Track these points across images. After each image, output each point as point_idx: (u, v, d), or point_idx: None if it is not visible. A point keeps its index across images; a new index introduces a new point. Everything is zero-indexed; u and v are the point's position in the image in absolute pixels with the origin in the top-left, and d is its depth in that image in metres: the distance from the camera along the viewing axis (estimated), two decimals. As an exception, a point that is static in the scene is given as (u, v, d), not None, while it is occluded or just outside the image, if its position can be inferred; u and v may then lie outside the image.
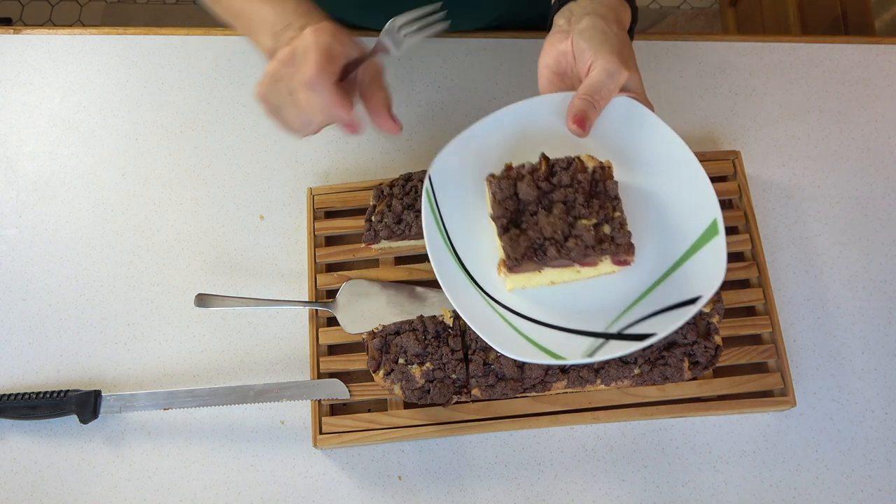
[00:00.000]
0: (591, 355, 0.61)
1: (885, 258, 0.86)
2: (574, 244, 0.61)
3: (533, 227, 0.62)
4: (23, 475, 0.78)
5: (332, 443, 0.76)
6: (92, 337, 0.83)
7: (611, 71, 0.63)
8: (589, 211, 0.63)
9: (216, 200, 0.89)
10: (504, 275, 0.64)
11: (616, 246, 0.62)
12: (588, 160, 0.65)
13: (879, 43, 0.98)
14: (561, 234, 0.62)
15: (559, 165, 0.64)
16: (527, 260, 0.61)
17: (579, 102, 0.63)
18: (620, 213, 0.64)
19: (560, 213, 0.62)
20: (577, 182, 0.64)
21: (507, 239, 0.62)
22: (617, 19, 0.67)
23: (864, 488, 0.77)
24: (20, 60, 0.96)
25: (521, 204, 0.63)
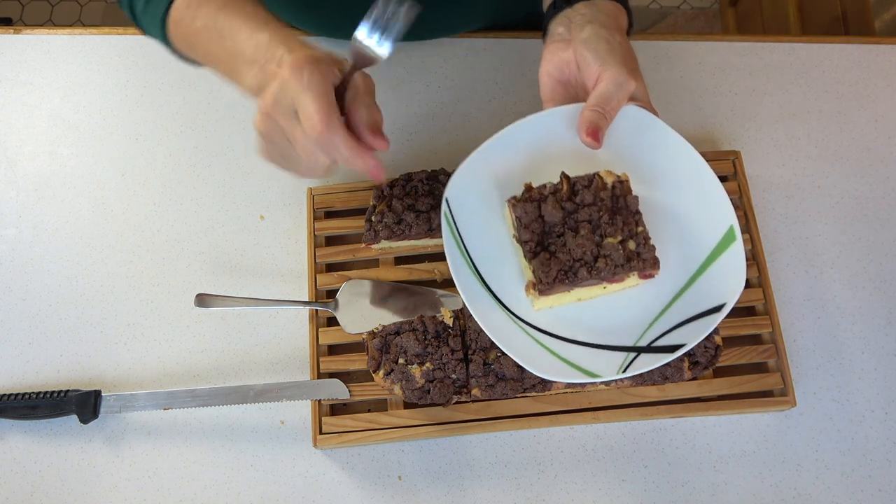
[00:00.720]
0: (624, 370, 0.61)
1: (885, 258, 0.86)
2: (604, 264, 0.62)
3: (561, 249, 0.62)
4: (23, 475, 0.78)
5: (332, 443, 0.76)
6: (92, 337, 0.83)
7: (619, 82, 0.63)
8: (614, 229, 0.63)
9: (216, 200, 0.89)
10: (534, 296, 0.64)
11: (643, 262, 0.62)
12: (607, 176, 0.65)
13: (879, 43, 0.98)
14: (591, 254, 0.62)
15: (580, 184, 0.64)
16: (558, 283, 0.61)
17: (590, 114, 0.63)
18: (643, 228, 0.64)
19: (587, 233, 0.62)
20: (600, 200, 0.63)
21: (538, 263, 0.61)
22: (618, 26, 0.67)
23: (864, 488, 0.77)
24: (20, 60, 0.96)
25: (547, 226, 0.63)
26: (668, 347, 0.62)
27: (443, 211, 0.64)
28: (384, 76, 0.95)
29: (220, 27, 0.65)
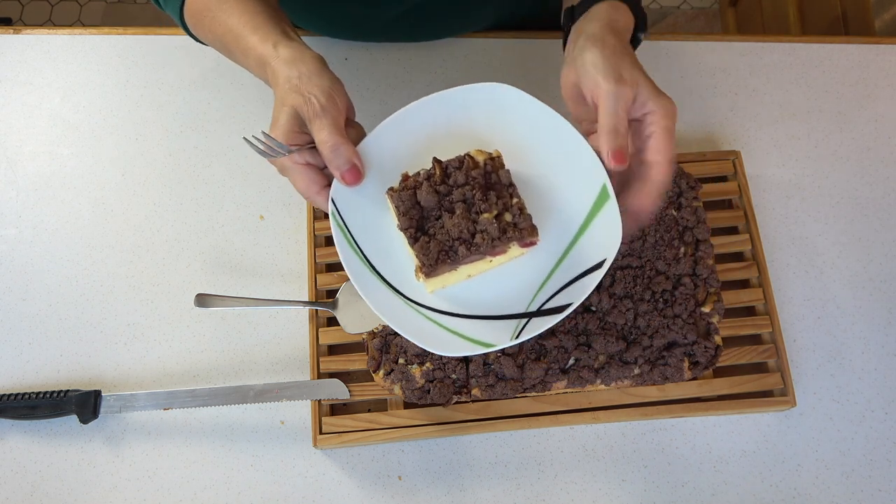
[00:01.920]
0: (517, 336, 0.63)
1: (885, 258, 0.86)
2: (481, 239, 0.63)
3: (440, 231, 0.64)
4: (23, 475, 0.78)
5: (332, 443, 0.76)
6: (92, 337, 0.83)
7: (614, 94, 0.62)
8: (488, 204, 0.64)
9: (216, 200, 0.89)
10: (423, 279, 0.65)
11: (520, 231, 0.64)
12: (478, 155, 0.66)
13: (879, 43, 0.98)
14: (467, 232, 0.63)
15: (452, 166, 0.66)
16: (440, 263, 0.63)
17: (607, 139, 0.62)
18: (518, 199, 0.65)
19: (462, 212, 0.64)
20: (472, 179, 0.65)
21: (419, 247, 0.63)
22: (612, 30, 0.66)
23: (864, 488, 0.77)
24: (20, 60, 0.96)
25: (425, 211, 0.65)
26: (555, 308, 0.63)
27: (330, 210, 0.65)
28: (384, 76, 0.95)
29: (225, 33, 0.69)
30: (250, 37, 0.67)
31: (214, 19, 0.70)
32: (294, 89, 0.62)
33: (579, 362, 0.75)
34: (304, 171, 0.64)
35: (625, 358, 0.76)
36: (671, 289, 0.78)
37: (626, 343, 0.76)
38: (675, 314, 0.77)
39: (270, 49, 0.65)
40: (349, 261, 0.64)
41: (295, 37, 0.68)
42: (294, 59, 0.64)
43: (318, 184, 0.64)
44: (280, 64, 0.64)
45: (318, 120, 0.61)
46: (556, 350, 0.75)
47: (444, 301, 0.67)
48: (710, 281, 0.78)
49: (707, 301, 0.78)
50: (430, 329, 0.64)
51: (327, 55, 0.95)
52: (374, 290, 0.65)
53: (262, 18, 0.68)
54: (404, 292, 0.66)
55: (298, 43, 0.67)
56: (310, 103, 0.61)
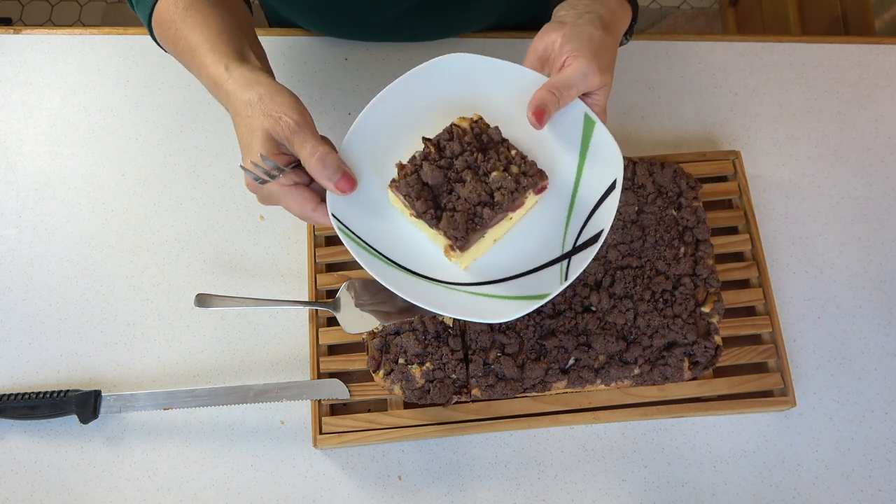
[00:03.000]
0: (566, 278, 0.63)
1: (885, 258, 0.86)
2: (501, 196, 0.63)
3: (458, 202, 0.64)
4: (23, 475, 0.78)
5: (332, 443, 0.76)
6: (92, 337, 0.83)
7: (585, 72, 0.64)
8: (492, 163, 0.65)
9: (216, 200, 0.89)
10: (457, 257, 0.65)
11: (531, 178, 0.64)
12: (461, 122, 0.67)
13: (879, 43, 0.98)
14: (485, 194, 0.64)
15: (443, 140, 0.66)
16: (471, 232, 0.63)
17: (544, 94, 0.64)
18: (516, 150, 0.66)
19: (472, 177, 0.64)
20: (468, 144, 0.65)
21: (446, 224, 0.63)
22: (613, 23, 0.68)
23: (864, 488, 0.77)
24: (20, 60, 0.96)
25: (434, 190, 0.65)
26: (590, 240, 0.64)
27: (335, 226, 0.64)
28: (385, 75, 0.95)
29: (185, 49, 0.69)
30: (206, 56, 0.67)
31: (178, 33, 0.69)
32: (260, 112, 0.62)
33: (579, 362, 0.76)
34: (294, 192, 0.63)
35: (625, 358, 0.76)
36: (671, 289, 0.78)
37: (626, 343, 0.76)
38: (675, 314, 0.77)
39: (222, 71, 0.65)
40: (376, 268, 0.63)
41: (252, 59, 0.68)
42: (249, 82, 0.64)
43: (312, 201, 0.63)
44: (234, 86, 0.64)
45: (297, 136, 0.61)
46: (556, 350, 0.75)
47: (481, 273, 0.66)
48: (710, 281, 0.79)
49: (707, 301, 0.78)
50: (481, 304, 0.64)
51: (327, 55, 0.96)
52: (413, 287, 0.63)
53: (221, 38, 0.67)
54: (440, 278, 0.65)
55: (252, 65, 0.66)
56: (282, 122, 0.61)
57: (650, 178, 0.82)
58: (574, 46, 0.65)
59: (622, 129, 0.93)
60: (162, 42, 0.74)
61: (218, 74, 0.65)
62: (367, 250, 0.64)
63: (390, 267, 0.64)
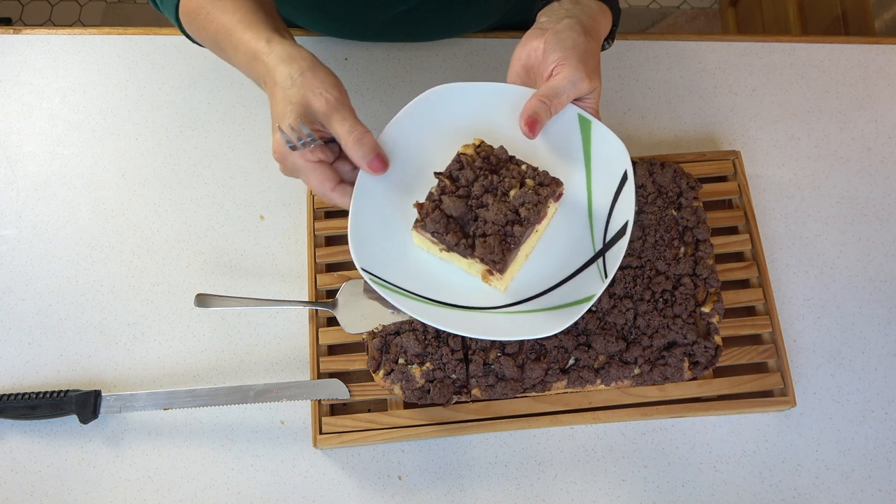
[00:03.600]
0: (606, 274, 0.64)
1: (885, 258, 0.86)
2: (526, 210, 0.64)
3: (485, 226, 0.64)
4: (23, 475, 0.78)
5: (332, 443, 0.76)
6: (92, 337, 0.83)
7: (574, 79, 0.65)
8: (508, 181, 0.65)
9: (216, 200, 0.89)
10: (496, 281, 0.65)
11: (548, 186, 0.65)
12: (466, 149, 0.67)
13: (879, 43, 0.98)
14: (511, 212, 0.64)
15: (454, 170, 0.66)
16: (507, 252, 0.63)
17: (535, 103, 0.65)
18: (526, 164, 0.67)
19: (494, 200, 0.65)
20: (479, 169, 0.66)
21: (482, 250, 0.63)
22: (594, 27, 0.69)
23: (864, 488, 0.77)
24: (20, 60, 0.96)
25: (460, 220, 0.65)
26: (618, 233, 0.65)
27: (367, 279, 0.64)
28: (385, 75, 0.95)
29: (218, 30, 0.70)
30: (243, 33, 0.67)
31: (208, 16, 0.70)
32: (299, 86, 0.63)
33: (579, 362, 0.76)
34: (318, 168, 0.64)
35: (625, 358, 0.76)
36: (671, 289, 0.78)
37: (626, 343, 0.76)
38: (675, 314, 0.77)
39: (263, 45, 0.66)
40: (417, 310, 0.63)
41: (288, 36, 0.68)
42: (290, 56, 0.64)
43: (332, 180, 0.64)
44: (275, 60, 0.64)
45: (336, 113, 0.62)
46: (556, 350, 0.75)
47: (519, 291, 0.67)
48: (710, 281, 0.78)
49: (707, 301, 0.78)
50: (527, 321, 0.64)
51: (327, 55, 0.96)
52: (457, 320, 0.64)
53: (255, 17, 0.68)
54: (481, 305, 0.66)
55: (291, 41, 0.67)
56: (322, 98, 0.62)
57: (650, 178, 0.82)
58: (560, 56, 0.65)
59: (622, 129, 0.93)
60: (192, 30, 0.75)
61: (259, 48, 0.66)
62: (405, 294, 0.64)
63: (431, 305, 0.65)
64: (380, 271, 0.65)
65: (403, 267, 0.67)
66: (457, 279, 0.67)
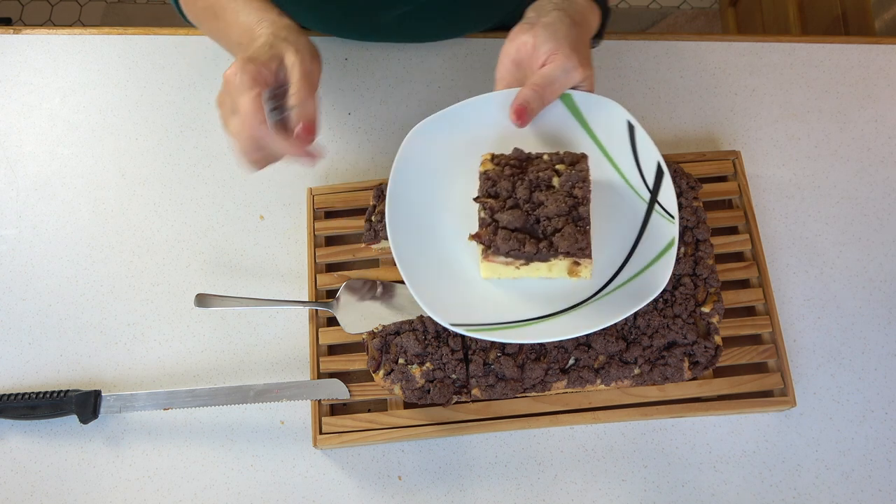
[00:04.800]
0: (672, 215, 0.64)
1: (885, 258, 0.86)
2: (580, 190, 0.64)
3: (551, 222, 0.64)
4: (23, 475, 0.78)
5: (332, 443, 0.76)
6: (92, 337, 0.83)
7: (567, 68, 0.64)
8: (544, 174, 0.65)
9: (216, 200, 0.89)
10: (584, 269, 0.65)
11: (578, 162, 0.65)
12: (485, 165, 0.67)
13: (879, 43, 0.98)
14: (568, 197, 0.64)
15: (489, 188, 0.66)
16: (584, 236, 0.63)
17: (527, 93, 0.64)
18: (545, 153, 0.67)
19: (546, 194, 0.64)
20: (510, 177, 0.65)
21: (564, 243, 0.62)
22: (583, 21, 0.69)
23: (864, 488, 0.77)
24: (20, 60, 0.96)
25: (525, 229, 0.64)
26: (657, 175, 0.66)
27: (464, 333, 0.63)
28: (384, 75, 0.95)
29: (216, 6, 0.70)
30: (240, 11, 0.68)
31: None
32: (284, 39, 0.63)
33: (579, 362, 0.75)
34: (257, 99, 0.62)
35: (625, 358, 0.75)
36: (671, 289, 0.78)
37: (626, 343, 0.76)
38: (675, 314, 0.77)
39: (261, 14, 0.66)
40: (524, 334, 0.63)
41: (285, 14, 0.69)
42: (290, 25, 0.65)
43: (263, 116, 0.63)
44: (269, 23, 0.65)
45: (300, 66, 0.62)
46: (556, 350, 0.75)
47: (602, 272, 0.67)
48: (710, 281, 0.78)
49: (707, 301, 0.78)
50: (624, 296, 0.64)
51: (327, 55, 0.96)
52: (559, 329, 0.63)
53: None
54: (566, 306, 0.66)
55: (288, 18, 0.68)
56: (299, 52, 0.62)
57: (650, 178, 0.82)
58: (551, 46, 0.65)
59: (622, 129, 0.93)
60: (187, 7, 0.76)
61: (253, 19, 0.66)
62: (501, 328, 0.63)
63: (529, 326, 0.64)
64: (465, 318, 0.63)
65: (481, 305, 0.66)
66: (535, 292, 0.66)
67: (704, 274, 0.79)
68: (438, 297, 0.65)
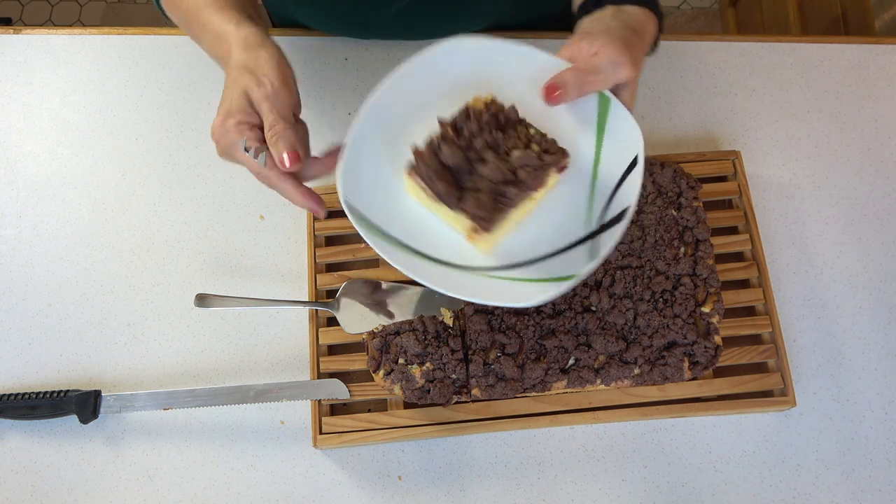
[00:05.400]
0: (594, 256, 0.61)
1: (885, 258, 0.86)
2: (525, 174, 0.62)
3: (480, 181, 0.62)
4: (23, 475, 0.78)
5: (332, 443, 0.76)
6: (92, 337, 0.83)
7: (616, 62, 0.61)
8: (513, 141, 0.63)
9: (216, 200, 0.89)
10: (481, 239, 0.63)
11: (553, 155, 0.63)
12: (476, 102, 0.65)
13: (879, 43, 0.98)
14: (509, 172, 0.62)
15: (459, 121, 0.64)
16: (497, 211, 0.61)
17: (567, 73, 0.62)
18: (535, 128, 0.64)
19: (494, 157, 0.62)
20: (486, 123, 0.63)
21: (471, 203, 0.61)
22: (642, 29, 0.66)
23: (864, 488, 0.77)
24: (20, 60, 0.96)
25: (455, 171, 0.63)
26: (615, 218, 0.62)
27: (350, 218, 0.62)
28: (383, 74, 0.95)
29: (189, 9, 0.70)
30: (214, 14, 0.68)
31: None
32: (250, 71, 0.63)
33: (579, 362, 0.75)
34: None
35: (625, 358, 0.76)
36: (671, 289, 0.78)
37: (626, 343, 0.76)
38: (675, 314, 0.77)
39: (232, 27, 0.66)
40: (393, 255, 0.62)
41: (257, 21, 0.69)
42: (254, 44, 0.64)
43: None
44: (238, 43, 0.65)
45: (266, 102, 0.62)
46: (556, 350, 0.75)
47: (503, 257, 0.65)
48: (710, 281, 0.78)
49: (707, 301, 0.78)
50: (504, 287, 0.62)
51: (327, 55, 0.96)
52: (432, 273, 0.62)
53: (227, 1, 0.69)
54: (461, 263, 0.64)
55: (261, 29, 0.67)
56: (262, 86, 0.62)
57: (650, 178, 0.82)
58: (605, 40, 0.62)
59: (622, 129, 0.93)
60: (167, 7, 0.75)
61: (227, 30, 0.66)
62: (383, 237, 0.63)
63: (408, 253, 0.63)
64: (364, 208, 0.63)
65: (389, 212, 0.65)
66: (441, 234, 0.65)
67: (704, 274, 0.79)
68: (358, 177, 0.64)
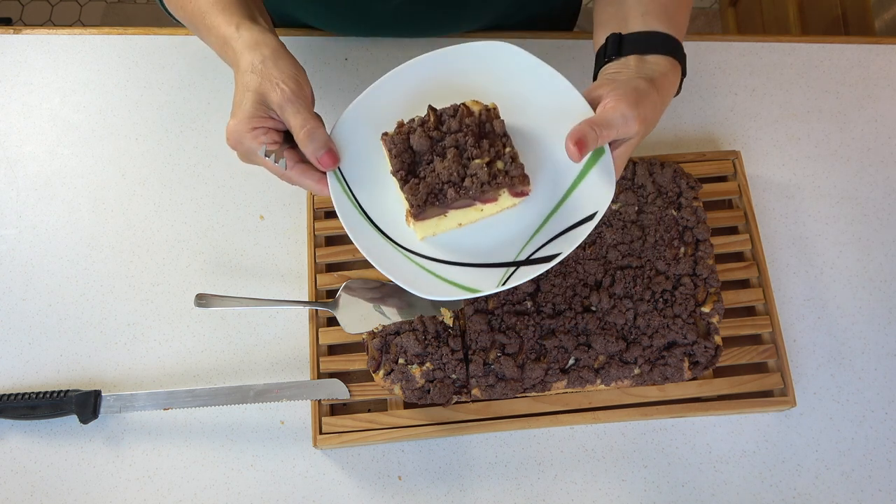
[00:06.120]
0: (504, 283, 0.64)
1: (885, 258, 0.86)
2: (470, 183, 0.64)
3: (430, 174, 0.65)
4: (23, 475, 0.78)
5: (332, 443, 0.76)
6: (92, 337, 0.83)
7: (627, 116, 0.62)
8: (480, 151, 0.65)
9: (216, 200, 0.89)
10: (413, 224, 0.66)
11: (511, 178, 0.64)
12: (473, 105, 0.67)
13: (879, 43, 0.98)
14: (457, 175, 0.64)
15: (447, 114, 0.66)
16: (429, 205, 0.64)
17: (585, 128, 0.62)
18: (511, 148, 0.66)
19: (453, 156, 0.64)
20: (466, 126, 0.66)
21: (409, 189, 0.64)
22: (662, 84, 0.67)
23: (864, 488, 0.77)
24: (20, 60, 0.96)
25: (417, 155, 0.66)
26: (544, 258, 0.64)
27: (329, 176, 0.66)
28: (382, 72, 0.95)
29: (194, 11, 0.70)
30: (217, 16, 0.68)
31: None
32: (259, 74, 0.63)
33: (579, 362, 0.76)
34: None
35: (625, 358, 0.76)
36: (671, 289, 0.78)
37: (626, 343, 0.76)
38: (675, 314, 0.77)
39: (233, 31, 0.66)
40: (341, 205, 0.65)
41: (262, 22, 0.69)
42: (256, 43, 0.65)
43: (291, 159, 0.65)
44: (242, 46, 0.65)
45: (290, 105, 0.62)
46: (556, 350, 0.75)
47: (433, 248, 0.68)
48: (710, 281, 0.79)
49: (707, 301, 0.78)
50: (418, 274, 0.66)
51: (327, 55, 0.96)
52: (365, 236, 0.66)
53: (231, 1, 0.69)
54: (394, 238, 0.67)
55: (262, 27, 0.67)
56: (278, 89, 0.62)
57: (650, 178, 0.82)
58: (620, 93, 0.63)
59: (622, 129, 0.93)
60: (172, 9, 0.75)
61: (228, 34, 0.66)
62: (344, 190, 0.66)
63: (356, 212, 0.66)
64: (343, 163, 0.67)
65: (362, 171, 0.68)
66: (392, 207, 0.68)
67: (704, 274, 0.79)
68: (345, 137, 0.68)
